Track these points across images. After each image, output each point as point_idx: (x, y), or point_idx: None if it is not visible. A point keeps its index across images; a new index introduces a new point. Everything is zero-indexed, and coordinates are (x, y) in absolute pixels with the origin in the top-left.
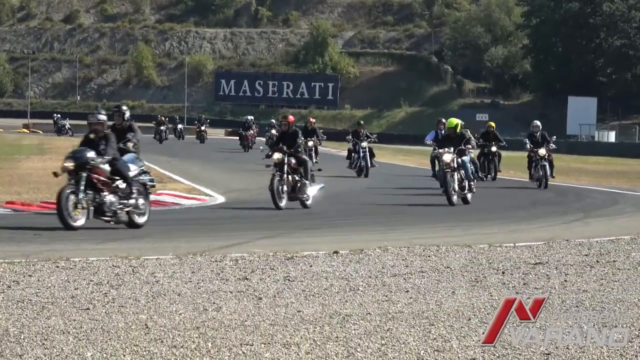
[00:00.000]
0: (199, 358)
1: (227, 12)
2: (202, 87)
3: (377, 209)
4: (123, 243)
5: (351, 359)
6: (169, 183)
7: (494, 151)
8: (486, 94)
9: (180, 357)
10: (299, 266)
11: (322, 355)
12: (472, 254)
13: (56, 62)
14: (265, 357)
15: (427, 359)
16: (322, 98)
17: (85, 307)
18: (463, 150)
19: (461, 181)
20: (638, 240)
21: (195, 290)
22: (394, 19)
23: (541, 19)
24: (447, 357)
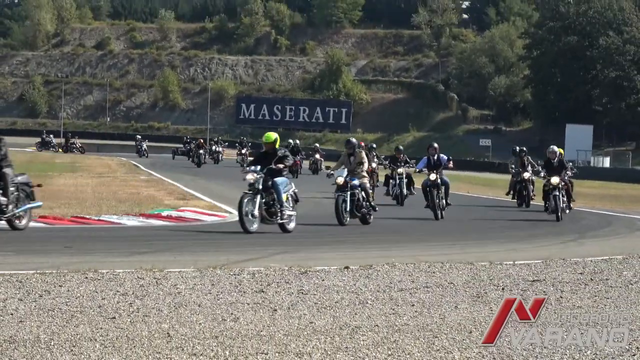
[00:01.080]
0: None
1: (248, 40)
2: (224, 111)
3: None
4: (148, 256)
5: None
6: (191, 200)
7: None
8: (489, 121)
9: None
10: (312, 280)
11: None
12: (474, 271)
13: (88, 86)
14: None
15: None
16: (335, 122)
17: (111, 316)
18: None
19: None
20: (630, 260)
21: (215, 302)
22: (404, 49)
23: (541, 51)
24: None
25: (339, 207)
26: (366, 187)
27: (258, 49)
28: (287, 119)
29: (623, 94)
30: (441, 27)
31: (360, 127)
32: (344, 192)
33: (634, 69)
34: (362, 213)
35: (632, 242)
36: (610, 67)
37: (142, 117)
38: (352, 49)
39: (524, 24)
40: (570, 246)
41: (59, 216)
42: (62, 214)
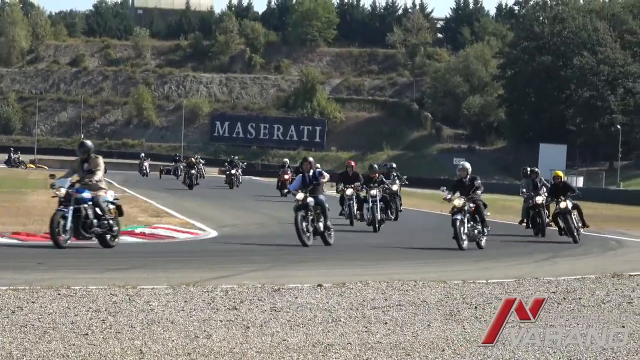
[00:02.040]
0: None
1: (222, 58)
2: (198, 128)
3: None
4: (121, 273)
5: None
6: (164, 217)
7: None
8: (463, 140)
9: None
10: (285, 298)
11: None
12: (447, 289)
13: (62, 102)
14: None
15: None
16: (309, 140)
17: (84, 332)
18: None
19: None
20: (602, 279)
21: (188, 319)
22: (378, 68)
23: (516, 71)
24: None
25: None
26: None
27: (233, 66)
28: (261, 137)
29: (597, 114)
30: (416, 46)
31: (334, 145)
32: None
33: (607, 89)
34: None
35: (604, 261)
36: (584, 87)
37: (116, 134)
38: (327, 68)
39: (499, 44)
40: (543, 265)
41: (32, 232)
42: (35, 230)
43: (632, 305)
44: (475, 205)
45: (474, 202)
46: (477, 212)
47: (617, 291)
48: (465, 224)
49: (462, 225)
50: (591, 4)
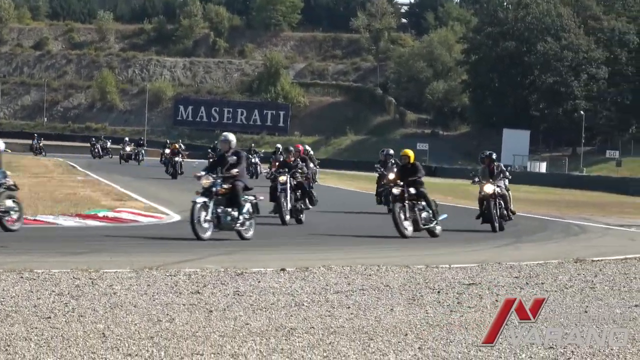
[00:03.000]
0: None
1: (186, 42)
2: (162, 112)
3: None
4: (84, 256)
5: None
6: (128, 201)
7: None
8: (427, 125)
9: None
10: (248, 282)
11: None
12: (410, 274)
13: (25, 86)
14: None
15: None
16: (273, 125)
17: (46, 316)
18: None
19: None
20: (565, 264)
21: (150, 302)
22: (342, 52)
23: (480, 56)
24: None
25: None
26: None
27: (196, 50)
28: (224, 121)
29: (560, 100)
30: (380, 31)
31: (298, 130)
32: None
33: (571, 74)
34: None
35: (567, 246)
36: (547, 72)
37: (80, 117)
38: (291, 52)
39: (463, 29)
40: (506, 250)
41: None
42: None
43: (594, 290)
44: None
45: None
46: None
47: (579, 276)
48: (405, 211)
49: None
50: None
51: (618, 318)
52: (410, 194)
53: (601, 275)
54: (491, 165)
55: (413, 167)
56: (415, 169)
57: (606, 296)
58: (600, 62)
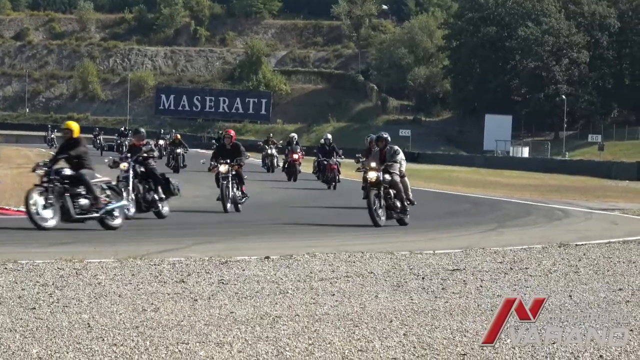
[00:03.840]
0: (137, 356)
1: (167, 31)
2: (144, 102)
3: (306, 217)
4: (68, 247)
5: (280, 357)
6: None
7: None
8: (409, 111)
9: (120, 355)
10: (233, 270)
11: (253, 354)
12: (395, 260)
13: (7, 77)
14: (200, 355)
15: (351, 358)
16: (255, 113)
17: (31, 306)
18: None
19: None
20: (549, 249)
21: (135, 292)
22: (323, 40)
23: (461, 42)
24: (370, 356)
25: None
26: None
27: (177, 39)
28: (207, 109)
29: (541, 85)
30: (361, 18)
31: (280, 117)
32: None
33: (552, 59)
34: None
35: (551, 231)
36: (529, 57)
37: (62, 108)
38: (272, 40)
39: (443, 15)
40: (490, 235)
41: None
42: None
43: (578, 274)
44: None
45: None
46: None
47: (563, 261)
48: (380, 198)
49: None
50: None
51: (602, 302)
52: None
53: (585, 259)
54: (384, 149)
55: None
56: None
57: (590, 280)
58: (581, 46)
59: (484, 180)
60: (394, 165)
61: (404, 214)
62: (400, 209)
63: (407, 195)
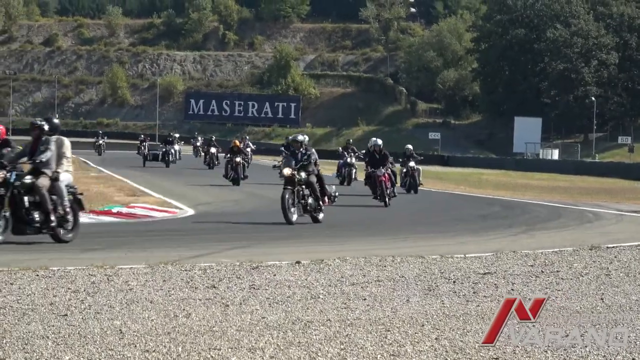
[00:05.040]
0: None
1: (196, 36)
2: (173, 107)
3: (335, 221)
4: (99, 253)
5: None
6: (141, 196)
7: None
8: (438, 114)
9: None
10: (264, 275)
11: (285, 359)
12: (425, 264)
13: (36, 83)
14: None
15: None
16: (284, 117)
17: (63, 313)
18: None
19: None
20: (580, 251)
21: (167, 298)
22: (352, 43)
23: (490, 44)
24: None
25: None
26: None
27: (206, 44)
28: (236, 114)
29: (571, 86)
30: (389, 21)
31: (309, 121)
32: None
33: (581, 61)
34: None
35: (581, 234)
36: (557, 59)
37: (91, 113)
38: (301, 44)
39: (472, 17)
40: (521, 238)
41: None
42: None
43: (610, 277)
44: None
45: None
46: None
47: (594, 263)
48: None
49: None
50: None
51: (634, 305)
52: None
53: (616, 262)
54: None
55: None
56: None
57: (622, 283)
58: (610, 47)
59: (513, 183)
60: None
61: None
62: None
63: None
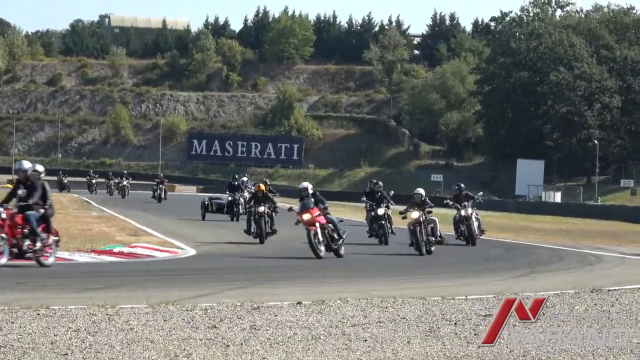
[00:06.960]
0: None
1: (199, 77)
2: (176, 147)
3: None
4: (100, 292)
5: None
6: (143, 236)
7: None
8: (441, 156)
9: None
10: (265, 316)
11: None
12: (427, 306)
13: (39, 122)
14: None
15: None
16: (287, 158)
17: (63, 352)
18: None
19: None
20: (582, 294)
21: (167, 338)
22: (355, 85)
23: (493, 87)
24: None
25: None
26: None
27: (210, 85)
28: (239, 154)
29: (574, 129)
30: (392, 63)
31: (312, 162)
32: None
33: (584, 104)
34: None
35: (583, 276)
36: (561, 102)
37: (94, 153)
38: (304, 85)
39: (475, 60)
40: (522, 280)
41: None
42: None
43: (611, 320)
44: None
45: None
46: None
47: (596, 306)
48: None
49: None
50: (567, 19)
51: (635, 348)
52: None
53: (618, 305)
54: None
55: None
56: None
57: (623, 326)
58: (613, 91)
59: (516, 225)
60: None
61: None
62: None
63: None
